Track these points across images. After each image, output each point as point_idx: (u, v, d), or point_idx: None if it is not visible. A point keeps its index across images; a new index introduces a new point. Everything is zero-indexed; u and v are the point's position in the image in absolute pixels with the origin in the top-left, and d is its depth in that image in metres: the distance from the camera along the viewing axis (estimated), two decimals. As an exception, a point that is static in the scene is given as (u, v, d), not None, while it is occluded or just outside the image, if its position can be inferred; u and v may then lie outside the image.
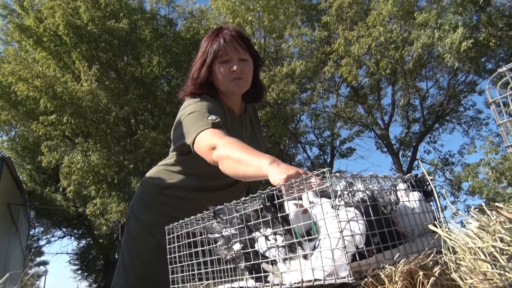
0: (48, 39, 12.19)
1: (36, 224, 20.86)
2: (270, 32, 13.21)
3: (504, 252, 0.60)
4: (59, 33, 11.72)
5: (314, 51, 13.19)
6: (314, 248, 0.82)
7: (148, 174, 1.72)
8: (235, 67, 1.47)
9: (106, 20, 12.01)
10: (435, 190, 0.95)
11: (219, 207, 1.02)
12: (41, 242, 22.21)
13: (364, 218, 0.79)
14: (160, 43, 13.40)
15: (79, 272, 22.22)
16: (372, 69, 11.92)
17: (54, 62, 12.75)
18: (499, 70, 0.74)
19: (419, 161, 14.42)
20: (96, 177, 11.40)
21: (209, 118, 1.32)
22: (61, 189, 13.11)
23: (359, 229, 0.77)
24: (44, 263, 24.67)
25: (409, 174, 1.01)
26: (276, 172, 0.96)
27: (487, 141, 11.48)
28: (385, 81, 14.55)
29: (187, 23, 14.19)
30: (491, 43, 10.14)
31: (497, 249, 0.61)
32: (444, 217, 0.94)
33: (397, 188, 0.98)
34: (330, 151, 16.06)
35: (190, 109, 1.41)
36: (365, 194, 0.84)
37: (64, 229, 20.39)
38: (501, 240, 0.62)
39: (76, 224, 19.15)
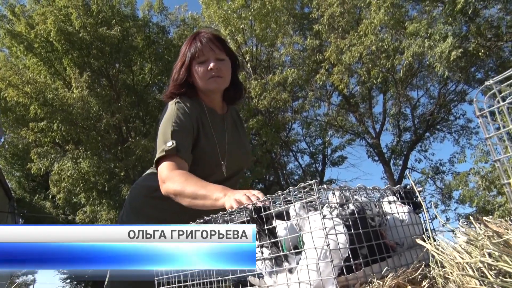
0: (39, 45, 12.11)
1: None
2: (262, 40, 13.25)
3: (493, 268, 0.59)
4: (51, 39, 11.66)
5: (306, 59, 13.24)
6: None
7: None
8: (211, 64, 1.53)
9: (98, 27, 11.98)
10: (424, 202, 0.95)
11: (207, 218, 1.02)
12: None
13: (352, 231, 0.78)
14: (152, 51, 13.38)
15: (68, 281, 21.89)
16: (363, 77, 11.97)
17: (45, 68, 12.65)
18: (486, 83, 0.74)
19: (408, 172, 14.47)
20: (86, 185, 11.29)
21: (167, 144, 1.41)
22: (50, 197, 12.94)
23: (347, 243, 0.76)
24: (33, 272, 24.27)
25: (398, 186, 1.00)
26: (229, 200, 1.10)
27: (477, 150, 11.54)
28: (376, 89, 14.63)
29: (179, 31, 14.22)
30: (480, 53, 10.26)
31: (485, 264, 0.60)
32: (433, 229, 0.93)
33: (386, 199, 0.97)
34: (321, 160, 16.09)
35: (162, 124, 1.53)
36: (353, 207, 0.82)
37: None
38: (489, 255, 0.61)
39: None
